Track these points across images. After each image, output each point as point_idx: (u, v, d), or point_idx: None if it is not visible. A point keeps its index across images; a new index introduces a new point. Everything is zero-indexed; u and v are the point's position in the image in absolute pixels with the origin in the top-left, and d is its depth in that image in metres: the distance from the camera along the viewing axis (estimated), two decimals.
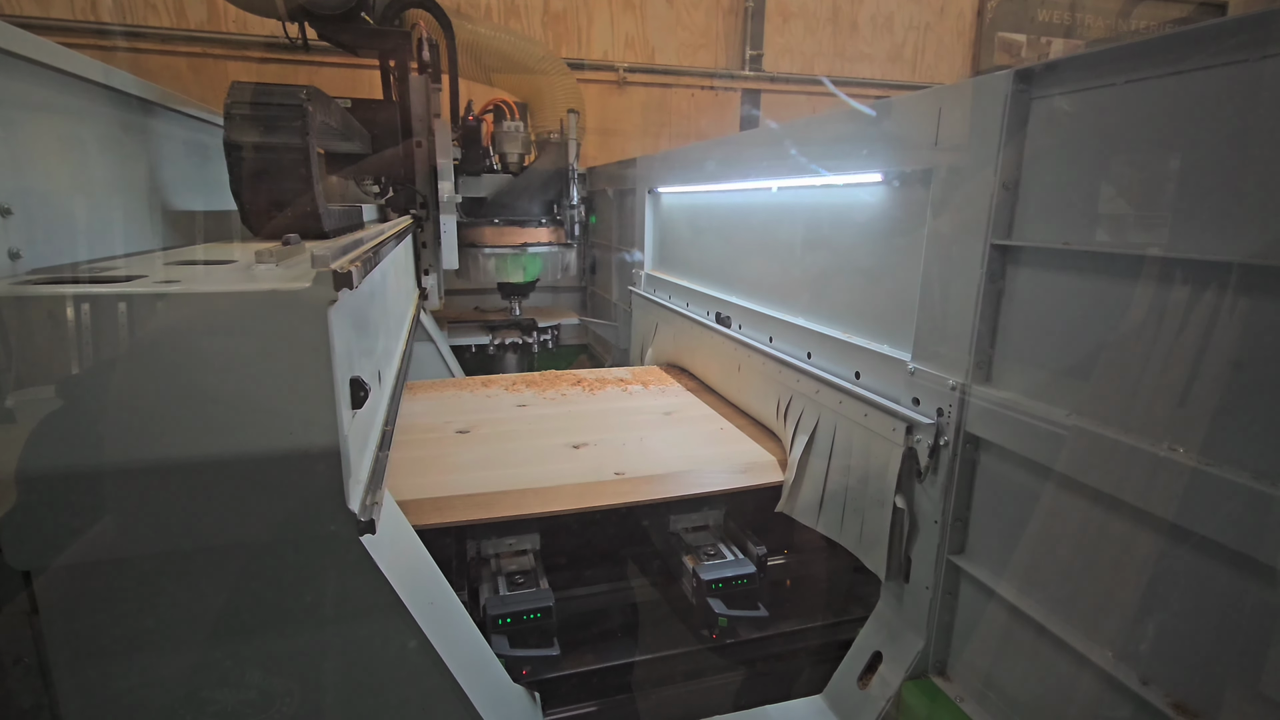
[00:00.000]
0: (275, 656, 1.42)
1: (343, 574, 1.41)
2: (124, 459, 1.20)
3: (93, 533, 1.23)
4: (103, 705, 1.35)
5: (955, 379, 1.93)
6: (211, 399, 1.23)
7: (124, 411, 1.19)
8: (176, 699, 1.39)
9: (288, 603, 1.40)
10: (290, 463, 1.28)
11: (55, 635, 1.29)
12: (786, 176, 2.87)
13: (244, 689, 1.41)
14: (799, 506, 2.61)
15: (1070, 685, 1.67)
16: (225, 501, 1.29)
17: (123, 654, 1.33)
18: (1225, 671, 1.36)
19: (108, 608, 1.29)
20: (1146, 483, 1.44)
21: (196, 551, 1.31)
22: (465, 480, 2.54)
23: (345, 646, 1.47)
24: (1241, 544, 1.27)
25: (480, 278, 4.79)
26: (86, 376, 1.16)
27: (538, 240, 4.76)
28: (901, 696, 2.13)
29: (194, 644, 1.37)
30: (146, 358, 1.18)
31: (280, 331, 1.23)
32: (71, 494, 1.20)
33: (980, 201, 1.82)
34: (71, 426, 1.17)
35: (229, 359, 1.22)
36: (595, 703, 2.51)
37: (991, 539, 1.93)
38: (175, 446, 1.22)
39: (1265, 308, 1.26)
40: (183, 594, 1.34)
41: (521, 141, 4.72)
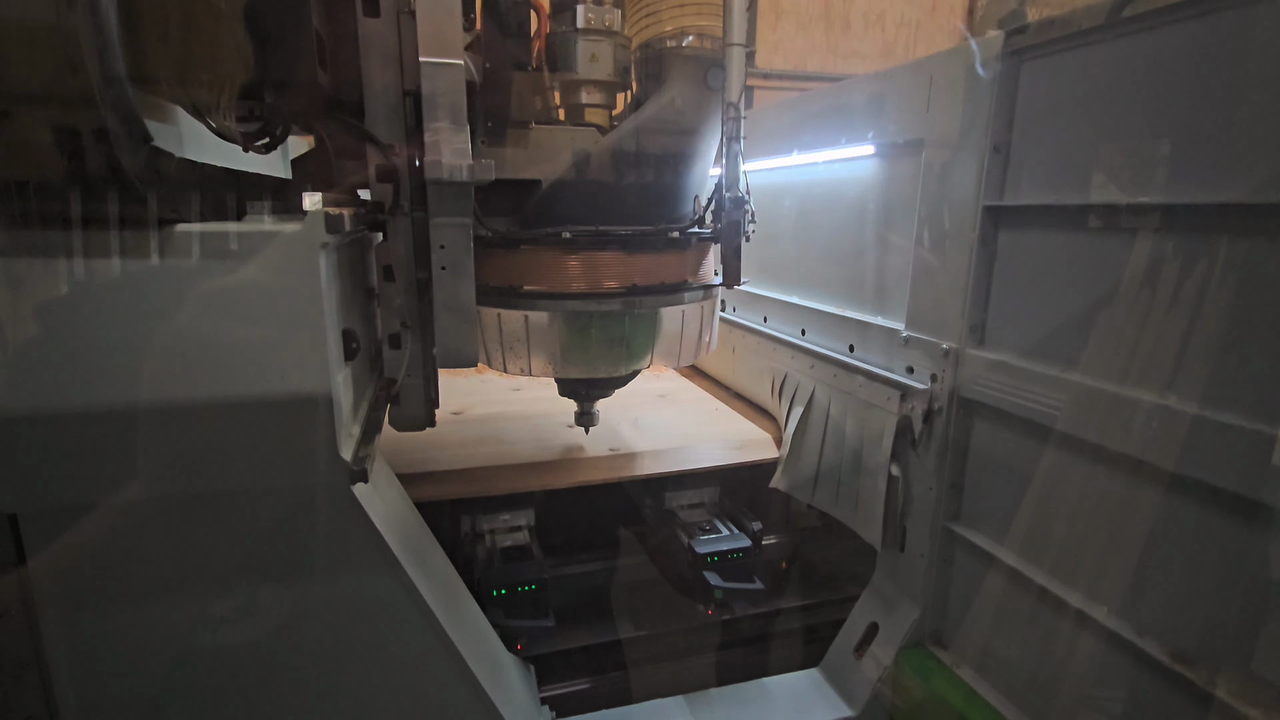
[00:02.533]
0: (265, 607, 1.41)
1: (334, 524, 1.40)
2: (112, 400, 1.19)
3: (81, 475, 1.22)
4: (91, 656, 1.34)
5: (949, 343, 1.94)
6: (202, 341, 1.22)
7: (113, 351, 1.18)
8: (165, 648, 1.37)
9: (278, 552, 1.39)
10: (282, 408, 1.28)
11: (42, 584, 1.27)
12: (777, 156, 2.88)
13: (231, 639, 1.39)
14: (794, 482, 2.61)
15: (1067, 643, 1.67)
16: (216, 447, 1.28)
17: (111, 603, 1.32)
18: (1220, 618, 1.36)
19: (96, 555, 1.28)
20: (1142, 432, 1.44)
21: (187, 498, 1.30)
22: (459, 456, 2.53)
23: (335, 598, 1.46)
24: (1240, 485, 1.27)
25: (521, 362, 2.13)
26: (74, 315, 1.15)
27: (662, 279, 2.10)
28: (898, 666, 2.12)
29: (182, 593, 1.36)
30: (136, 296, 1.17)
31: (272, 273, 1.22)
32: (58, 435, 1.19)
33: (971, 165, 1.83)
34: (59, 366, 1.16)
35: (221, 300, 1.21)
36: (589, 679, 2.49)
37: (986, 503, 1.93)
38: (165, 389, 1.21)
39: (1254, 248, 1.27)
40: (171, 542, 1.32)
41: (614, 55, 2.07)
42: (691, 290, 2.16)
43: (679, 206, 2.17)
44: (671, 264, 2.13)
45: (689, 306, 2.17)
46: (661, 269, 2.10)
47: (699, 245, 2.21)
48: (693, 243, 2.17)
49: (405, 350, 1.79)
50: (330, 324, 1.30)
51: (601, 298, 2.03)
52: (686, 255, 2.17)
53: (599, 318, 2.05)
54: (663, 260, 2.10)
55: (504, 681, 1.78)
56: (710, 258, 2.29)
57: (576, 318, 2.04)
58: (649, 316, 2.10)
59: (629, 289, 2.05)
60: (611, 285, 2.04)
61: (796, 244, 2.83)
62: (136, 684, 1.38)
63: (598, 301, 2.03)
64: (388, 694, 1.57)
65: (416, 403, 1.88)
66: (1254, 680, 1.30)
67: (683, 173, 2.15)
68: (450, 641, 1.58)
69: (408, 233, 1.69)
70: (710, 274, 2.29)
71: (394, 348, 1.78)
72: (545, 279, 2.04)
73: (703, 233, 2.16)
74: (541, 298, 2.03)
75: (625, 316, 2.06)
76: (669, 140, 2.10)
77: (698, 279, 2.21)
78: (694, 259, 2.20)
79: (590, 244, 2.02)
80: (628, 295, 2.05)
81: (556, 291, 2.02)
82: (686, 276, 2.17)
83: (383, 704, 1.57)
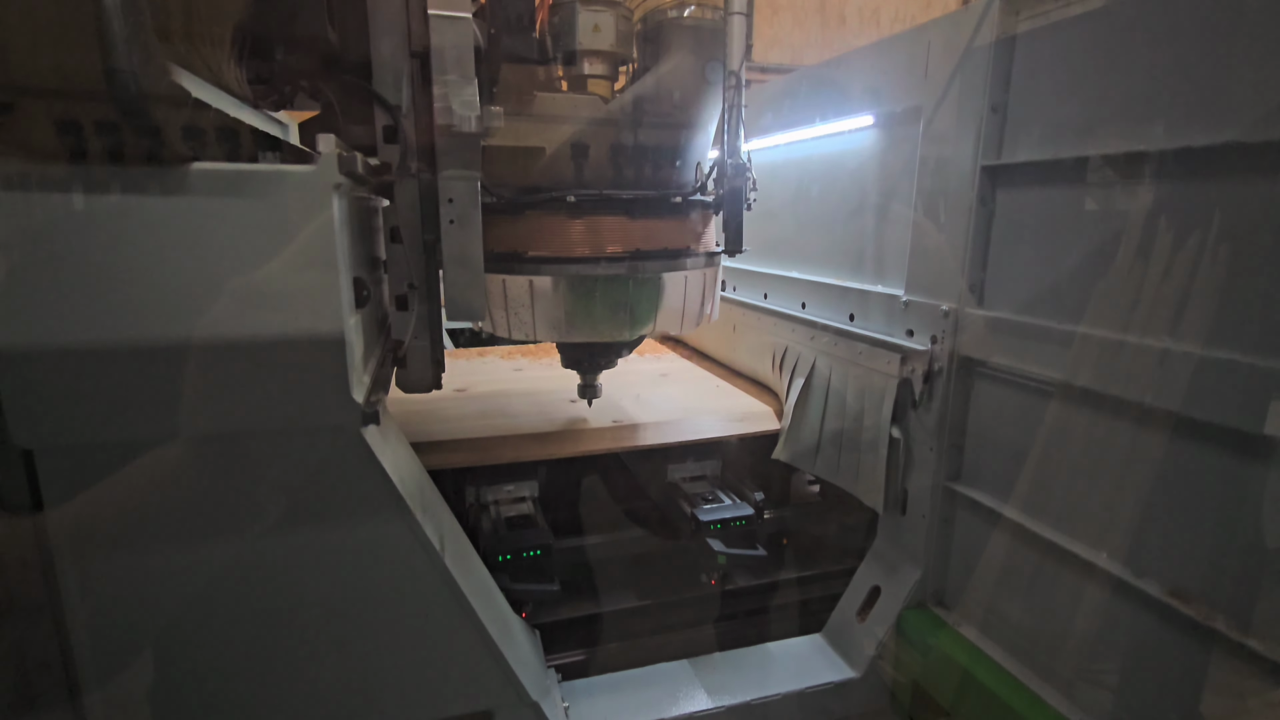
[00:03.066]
0: (277, 549, 1.42)
1: (345, 467, 1.42)
2: (127, 337, 1.21)
3: (96, 413, 1.23)
4: (103, 599, 1.35)
5: (948, 304, 1.97)
6: (216, 280, 1.24)
7: (128, 288, 1.19)
8: (177, 591, 1.38)
9: (290, 494, 1.40)
10: (296, 348, 1.29)
11: (57, 525, 1.29)
12: (775, 133, 2.91)
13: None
14: (796, 452, 2.63)
15: (1068, 591, 1.69)
16: (230, 386, 1.29)
17: (124, 544, 1.33)
18: (1218, 554, 1.39)
19: (110, 495, 1.29)
20: (1143, 376, 1.47)
21: (200, 438, 1.32)
22: (463, 427, 2.54)
23: (347, 543, 1.47)
24: (1240, 421, 1.30)
25: (526, 327, 2.15)
26: (89, 251, 1.17)
27: (665, 244, 2.13)
28: (900, 626, 2.14)
29: (194, 535, 1.37)
30: (152, 233, 1.19)
31: (287, 212, 1.24)
32: (74, 372, 1.20)
33: (969, 127, 1.86)
34: (74, 302, 1.18)
35: (235, 238, 1.23)
36: (592, 648, 2.51)
37: (987, 460, 1.95)
38: (178, 327, 1.23)
39: (1248, 187, 1.30)
40: (183, 483, 1.34)
41: (616, 26, 2.06)
42: (694, 257, 2.19)
43: (681, 174, 2.21)
44: (675, 230, 2.15)
45: (691, 273, 2.19)
46: (665, 235, 2.13)
47: (702, 213, 2.24)
48: (695, 210, 2.19)
49: (412, 312, 1.81)
50: (343, 264, 1.32)
51: (605, 262, 2.05)
52: (689, 222, 2.20)
53: (603, 282, 2.07)
54: (666, 226, 2.13)
55: (513, 638, 1.80)
56: (712, 227, 2.32)
57: (581, 282, 2.06)
58: (652, 282, 2.12)
59: (633, 254, 2.07)
60: (615, 250, 2.06)
61: (796, 219, 2.86)
62: (149, 627, 1.39)
63: (601, 266, 2.05)
64: (398, 642, 1.58)
65: (423, 364, 1.90)
66: (1252, 612, 1.32)
67: (684, 141, 2.18)
68: (461, 592, 1.60)
69: (414, 193, 1.73)
70: (712, 243, 2.32)
71: (401, 309, 1.81)
72: (549, 244, 2.06)
73: (705, 199, 2.19)
74: (546, 263, 2.04)
75: (629, 281, 2.08)
76: (671, 108, 2.13)
77: (700, 246, 2.23)
78: (697, 226, 2.23)
79: (594, 209, 2.04)
80: (631, 260, 2.07)
81: (561, 256, 2.04)
82: (689, 243, 2.19)
83: (393, 652, 1.58)
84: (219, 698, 1.48)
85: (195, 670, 1.45)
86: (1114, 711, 1.59)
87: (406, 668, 1.61)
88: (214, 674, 1.46)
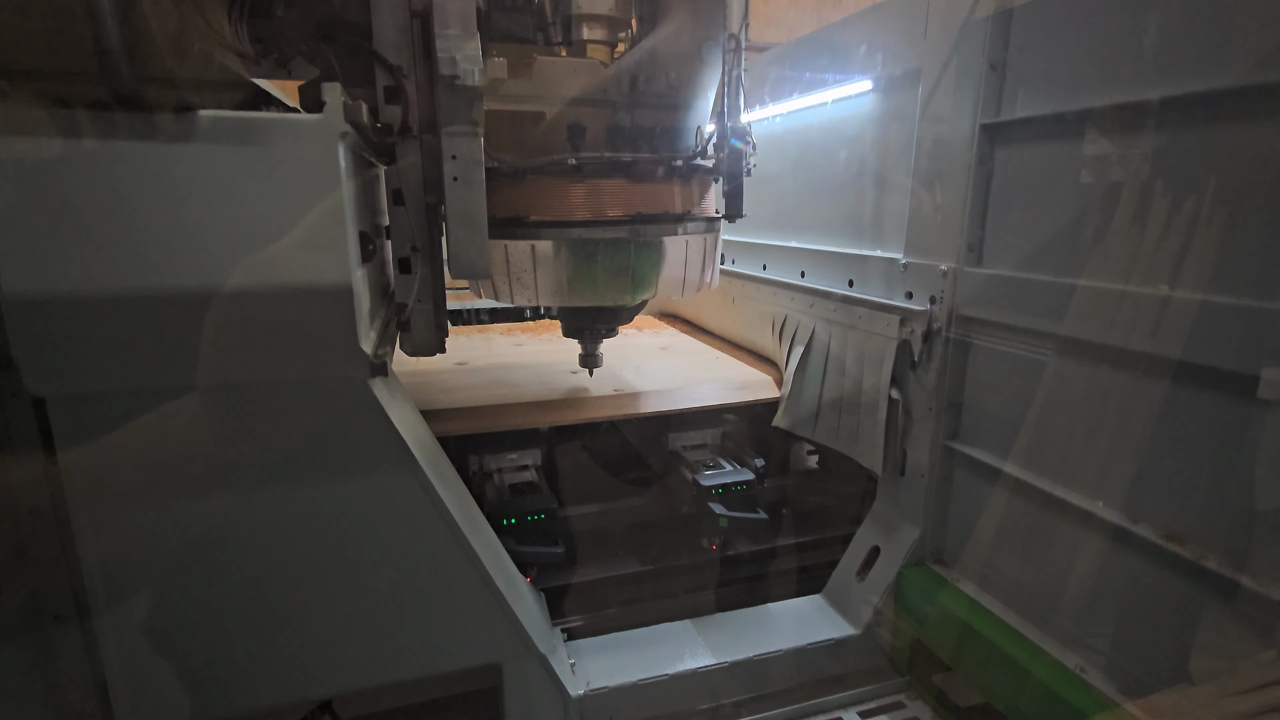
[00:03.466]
0: (287, 501, 1.44)
1: (354, 420, 1.43)
2: (139, 285, 1.22)
3: (108, 362, 1.24)
4: (116, 549, 1.37)
5: (947, 264, 1.99)
6: (225, 229, 1.25)
7: (139, 237, 1.20)
8: (192, 544, 1.40)
9: (299, 447, 1.42)
10: (304, 299, 1.31)
11: (70, 475, 1.30)
12: (773, 104, 2.91)
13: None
14: (795, 419, 2.65)
15: (1066, 542, 1.73)
16: (239, 336, 1.30)
17: (136, 495, 1.35)
18: (1210, 496, 1.42)
19: (121, 445, 1.31)
20: (1140, 323, 1.49)
21: (210, 388, 1.33)
22: (467, 397, 2.56)
23: (357, 494, 1.49)
24: (1236, 363, 1.32)
25: (528, 292, 2.14)
26: (104, 200, 1.18)
27: (666, 208, 2.13)
28: (899, 584, 2.18)
29: (206, 486, 1.39)
30: (161, 182, 1.20)
31: (293, 161, 1.25)
32: (87, 320, 1.21)
33: (968, 85, 1.87)
34: (84, 250, 1.19)
35: (243, 187, 1.24)
36: (596, 612, 2.54)
37: (985, 416, 1.98)
38: (190, 276, 1.24)
39: (1243, 132, 1.32)
40: (195, 432, 1.35)
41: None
42: (695, 221, 2.20)
43: (681, 139, 2.20)
44: (676, 194, 2.16)
45: (693, 238, 2.20)
46: (666, 199, 2.13)
47: (702, 178, 2.24)
48: (696, 175, 2.20)
49: (415, 275, 1.83)
50: (350, 214, 1.33)
51: (607, 226, 2.06)
52: (690, 187, 2.20)
53: (604, 246, 2.08)
54: (667, 190, 2.14)
55: (520, 595, 1.82)
56: (713, 194, 2.32)
57: (582, 246, 2.07)
58: (654, 246, 2.13)
59: (634, 217, 2.07)
60: (616, 214, 2.07)
61: (795, 189, 2.87)
62: (162, 577, 1.41)
63: (603, 229, 2.06)
64: (407, 593, 1.61)
65: (427, 327, 1.92)
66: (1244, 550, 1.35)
67: (685, 106, 2.18)
68: (470, 546, 1.62)
69: (416, 155, 1.74)
70: (713, 209, 2.32)
71: (404, 273, 1.82)
72: (551, 209, 2.06)
73: (705, 164, 2.19)
74: (547, 227, 2.05)
75: (630, 245, 2.09)
76: (671, 73, 2.13)
77: (701, 211, 2.24)
78: (698, 191, 2.23)
79: (595, 172, 2.05)
80: (633, 223, 2.07)
81: (562, 220, 2.05)
82: (690, 208, 2.20)
83: (402, 603, 1.61)
84: (232, 647, 1.51)
85: (208, 621, 1.47)
86: (1110, 654, 1.63)
87: (416, 619, 1.63)
88: (227, 624, 1.48)
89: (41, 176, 1.15)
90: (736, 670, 2.09)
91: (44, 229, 1.16)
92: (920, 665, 2.16)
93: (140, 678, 1.46)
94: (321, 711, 1.89)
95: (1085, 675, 1.65)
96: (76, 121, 1.15)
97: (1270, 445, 1.31)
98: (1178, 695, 1.47)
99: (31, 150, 1.14)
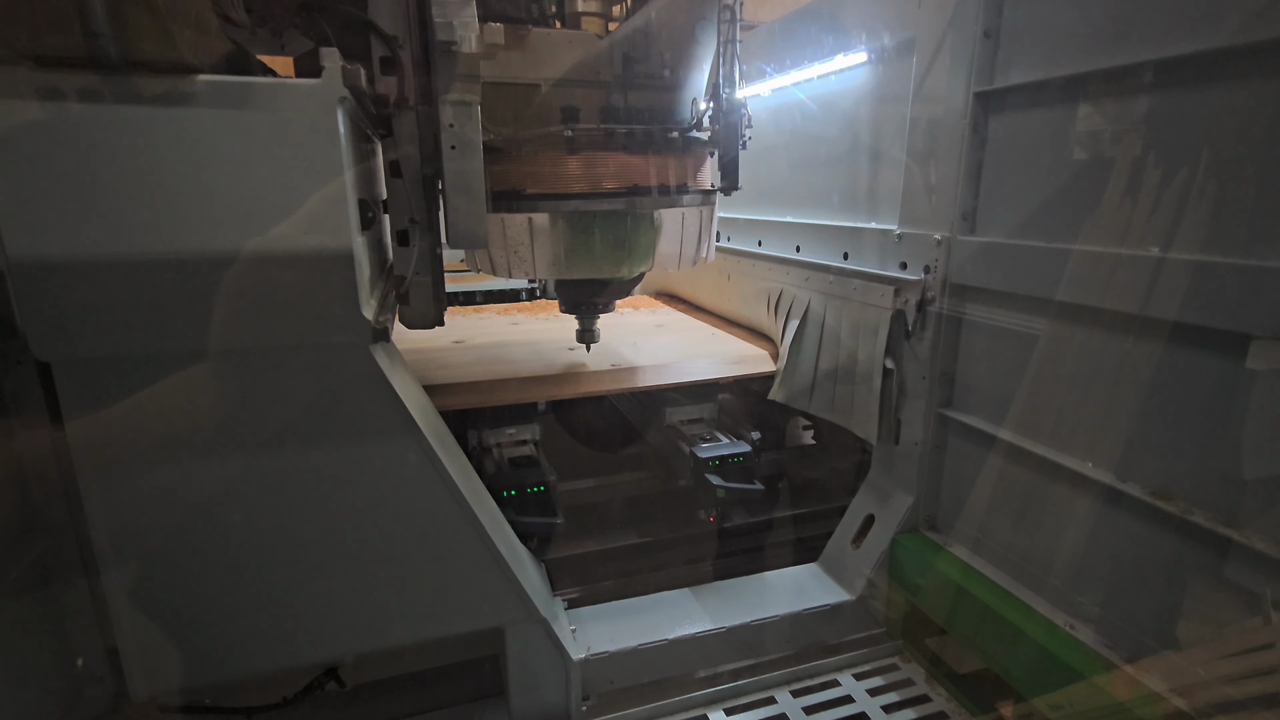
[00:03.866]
0: (291, 467, 1.46)
1: (356, 386, 1.45)
2: (144, 251, 1.23)
3: (114, 325, 1.25)
4: (124, 515, 1.38)
5: (941, 233, 2.01)
6: (227, 194, 1.25)
7: (144, 201, 1.21)
8: (198, 509, 1.42)
9: (302, 412, 1.44)
10: (305, 264, 1.32)
11: (76, 440, 1.32)
12: (767, 79, 2.91)
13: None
14: (791, 392, 2.68)
15: (1057, 503, 1.76)
16: (241, 301, 1.31)
17: (141, 460, 1.36)
18: (1197, 453, 1.45)
19: (127, 409, 1.32)
20: (1130, 285, 1.52)
21: (213, 353, 1.34)
22: (465, 373, 2.57)
23: (359, 460, 1.51)
24: (1230, 321, 1.35)
25: (525, 265, 2.15)
26: (107, 164, 1.18)
27: (662, 181, 2.15)
28: (894, 550, 2.22)
29: (212, 451, 1.40)
30: (161, 146, 1.20)
31: (293, 125, 1.25)
32: (92, 285, 1.22)
33: (962, 54, 1.88)
34: (89, 214, 1.19)
35: (243, 152, 1.24)
36: (595, 584, 2.58)
37: (978, 383, 2.01)
38: (191, 240, 1.25)
39: (1233, 91, 1.34)
40: (200, 398, 1.37)
41: None
42: (691, 194, 2.21)
43: (676, 112, 2.21)
44: (672, 167, 2.16)
45: (689, 210, 2.21)
46: (662, 171, 2.14)
47: (697, 151, 2.25)
48: (692, 148, 2.20)
49: (413, 247, 1.83)
50: (349, 180, 1.34)
51: (603, 198, 2.07)
52: (686, 160, 2.21)
53: (601, 218, 2.09)
54: (663, 163, 2.14)
55: (521, 561, 1.85)
56: (708, 167, 2.34)
57: (579, 219, 2.08)
58: (650, 218, 2.14)
59: (630, 189, 2.08)
60: (613, 186, 2.07)
61: (790, 163, 2.88)
62: (169, 541, 1.43)
63: (599, 201, 2.06)
64: (410, 558, 1.63)
65: (425, 300, 1.93)
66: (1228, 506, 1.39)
67: (680, 78, 2.18)
68: (471, 511, 1.65)
69: (413, 125, 1.74)
70: (708, 182, 2.33)
71: (402, 245, 1.83)
72: (547, 181, 2.06)
73: (700, 137, 2.20)
74: (544, 199, 2.05)
75: (627, 217, 2.10)
76: (666, 44, 2.12)
77: (697, 184, 2.25)
78: (693, 164, 2.24)
79: (591, 144, 2.05)
80: (629, 195, 2.08)
81: (559, 193, 2.05)
82: (686, 180, 2.21)
83: (405, 567, 1.63)
84: (239, 611, 1.53)
85: (216, 585, 1.50)
86: (1100, 611, 1.67)
87: (420, 584, 1.66)
88: (234, 588, 1.51)
89: (45, 142, 1.15)
90: (733, 636, 2.13)
91: (48, 194, 1.17)
92: (914, 629, 2.21)
93: (149, 642, 1.48)
94: (327, 677, 1.93)
95: (1075, 632, 1.69)
96: (76, 85, 1.15)
97: (1257, 406, 1.35)
98: (1166, 660, 1.51)
99: (34, 115, 1.14)
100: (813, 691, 2.05)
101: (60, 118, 1.15)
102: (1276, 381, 1.31)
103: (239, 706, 1.83)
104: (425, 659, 2.03)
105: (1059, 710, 1.65)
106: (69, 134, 1.16)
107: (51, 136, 1.16)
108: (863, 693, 2.04)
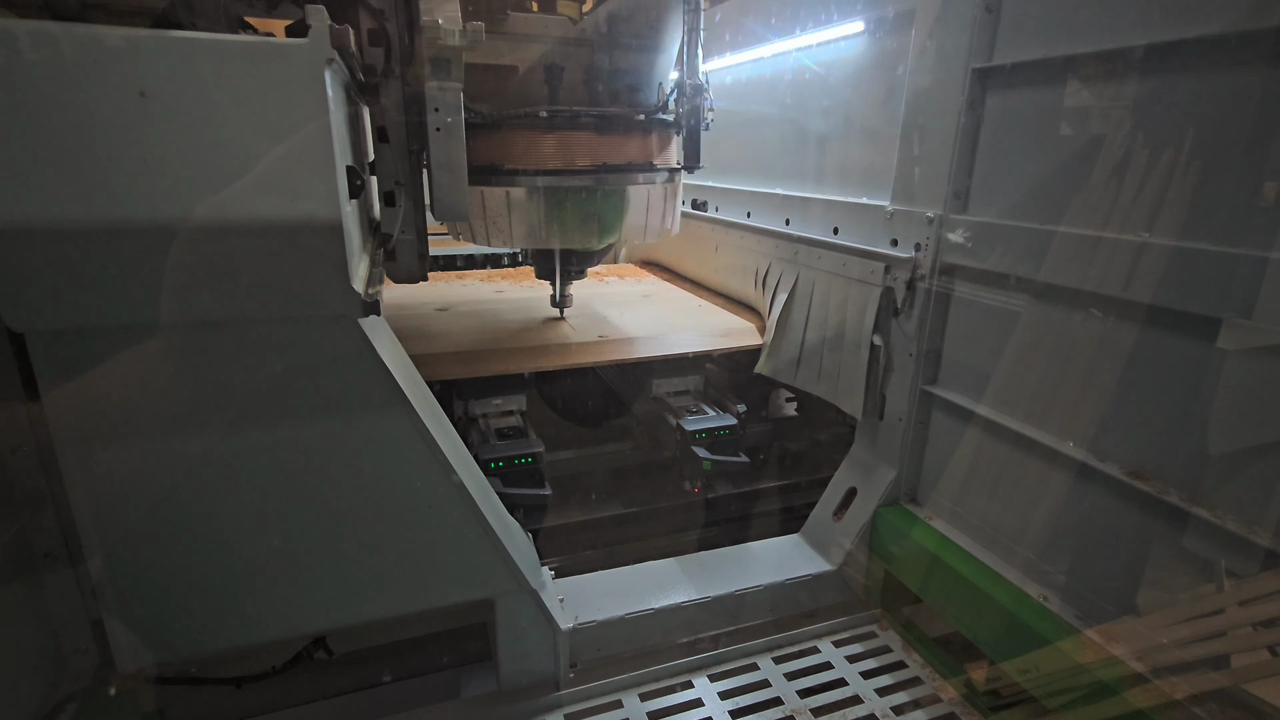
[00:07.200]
0: (278, 439, 1.44)
1: (345, 359, 1.42)
2: (122, 217, 1.17)
3: (91, 295, 1.21)
4: (103, 488, 1.35)
5: (933, 211, 2.00)
6: (211, 159, 1.20)
7: (122, 165, 1.15)
8: (182, 483, 1.40)
9: (290, 385, 1.41)
10: (292, 233, 1.27)
11: (54, 413, 1.28)
12: (761, 45, 2.85)
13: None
14: (778, 365, 2.70)
15: (1035, 480, 1.81)
16: (226, 270, 1.27)
17: (121, 433, 1.33)
18: (1171, 435, 1.49)
19: (104, 382, 1.28)
20: (1116, 269, 1.54)
21: (197, 325, 1.30)
22: (451, 342, 2.54)
23: (347, 433, 1.49)
24: (1206, 307, 1.37)
25: (504, 235, 2.23)
26: (82, 126, 1.12)
27: (630, 159, 2.22)
28: (875, 523, 2.27)
29: (195, 424, 1.37)
30: (140, 106, 1.14)
31: (280, 87, 1.20)
32: (68, 253, 1.17)
33: (962, 28, 1.86)
34: (66, 179, 1.14)
35: (228, 114, 1.19)
36: (581, 554, 2.61)
37: (963, 361, 2.04)
38: (172, 207, 1.20)
39: (1226, 79, 1.34)
40: (183, 373, 1.33)
41: None
42: (656, 172, 2.31)
43: (645, 94, 2.31)
44: (639, 146, 2.26)
45: (654, 187, 2.31)
46: (629, 150, 2.24)
47: (663, 132, 2.34)
48: (658, 129, 2.30)
49: (399, 207, 1.84)
50: (338, 144, 1.29)
51: (575, 174, 2.16)
52: (652, 139, 2.30)
53: (573, 193, 2.19)
54: (631, 142, 2.23)
55: (510, 533, 1.86)
56: (674, 146, 2.42)
57: (553, 193, 2.17)
58: (618, 194, 2.25)
59: (599, 167, 2.18)
60: (584, 164, 2.17)
61: (781, 134, 2.85)
62: (152, 515, 1.41)
63: (571, 178, 2.16)
64: (400, 530, 1.63)
65: (410, 256, 1.97)
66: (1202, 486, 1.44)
67: (648, 62, 2.28)
68: (461, 483, 1.64)
69: (399, 94, 1.78)
70: (674, 161, 2.43)
71: (389, 206, 1.84)
72: (524, 158, 2.15)
73: (666, 119, 2.30)
74: (521, 174, 2.14)
75: (597, 193, 2.20)
76: (636, 29, 2.23)
77: (662, 162, 2.35)
78: (659, 144, 2.33)
79: (565, 124, 2.13)
80: (598, 173, 2.18)
81: (534, 169, 2.14)
82: (652, 159, 2.30)
83: (395, 540, 1.63)
84: (226, 583, 1.52)
85: (201, 557, 1.48)
86: (1072, 583, 1.73)
87: (409, 555, 1.66)
88: (220, 560, 1.49)
89: (16, 102, 1.09)
90: (716, 605, 2.18)
91: (19, 158, 1.11)
92: (892, 598, 2.27)
93: (134, 614, 1.47)
94: (315, 647, 1.94)
95: (1047, 603, 1.76)
96: (44, 36, 1.08)
97: (1228, 386, 1.39)
98: (1127, 625, 1.58)
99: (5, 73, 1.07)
100: (793, 658, 2.11)
101: (27, 73, 1.08)
102: (1243, 360, 1.35)
103: (227, 676, 1.83)
104: (413, 627, 2.04)
105: (1027, 674, 1.73)
106: (38, 91, 1.10)
107: (19, 93, 1.09)
108: (842, 659, 2.10)
